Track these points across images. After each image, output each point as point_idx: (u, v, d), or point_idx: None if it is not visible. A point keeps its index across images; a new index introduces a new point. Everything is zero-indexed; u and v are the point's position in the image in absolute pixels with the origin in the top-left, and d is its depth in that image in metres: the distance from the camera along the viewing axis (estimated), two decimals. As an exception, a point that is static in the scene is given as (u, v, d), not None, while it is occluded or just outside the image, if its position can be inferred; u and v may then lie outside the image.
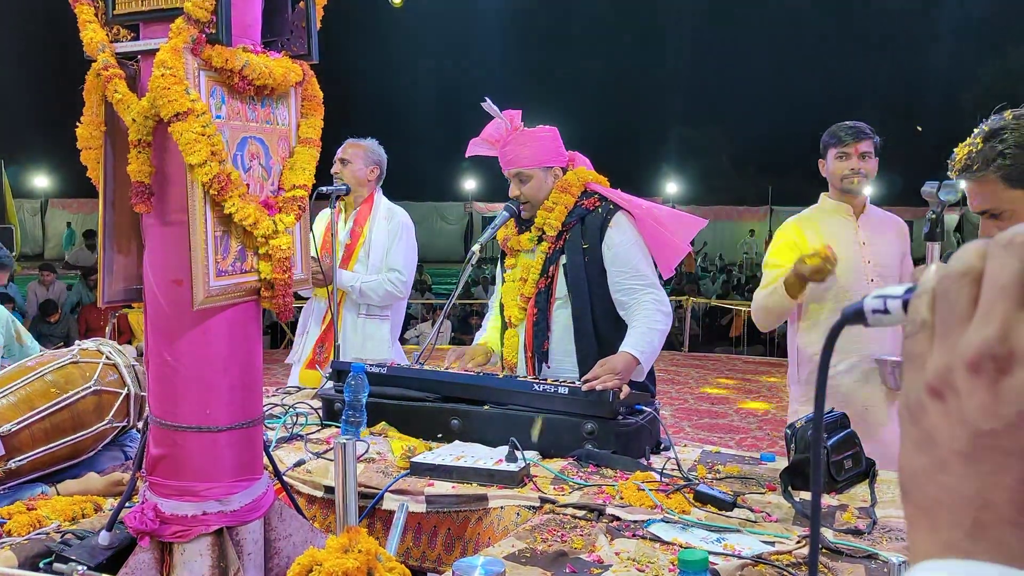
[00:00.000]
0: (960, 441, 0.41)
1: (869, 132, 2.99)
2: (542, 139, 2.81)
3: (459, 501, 2.08)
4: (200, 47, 1.50)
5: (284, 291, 1.67)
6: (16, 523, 1.75)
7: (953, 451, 0.41)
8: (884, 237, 2.96)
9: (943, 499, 0.41)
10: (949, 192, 1.61)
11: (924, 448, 0.42)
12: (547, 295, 2.76)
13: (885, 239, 2.97)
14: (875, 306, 0.52)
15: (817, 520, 0.64)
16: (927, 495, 0.42)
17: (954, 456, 0.41)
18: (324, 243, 3.59)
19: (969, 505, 0.40)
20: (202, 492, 1.60)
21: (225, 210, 1.54)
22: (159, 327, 1.60)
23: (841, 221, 3.07)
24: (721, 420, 7.36)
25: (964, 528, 0.40)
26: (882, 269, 2.95)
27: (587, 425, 2.34)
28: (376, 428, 2.56)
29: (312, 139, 1.75)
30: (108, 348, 2.24)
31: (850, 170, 2.98)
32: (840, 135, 3.02)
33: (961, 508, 0.40)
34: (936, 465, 0.42)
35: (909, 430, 0.43)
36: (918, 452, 0.43)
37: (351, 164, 3.61)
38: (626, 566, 1.67)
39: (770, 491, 2.13)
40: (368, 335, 3.62)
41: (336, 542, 1.28)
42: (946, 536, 0.41)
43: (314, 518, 2.18)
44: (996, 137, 1.53)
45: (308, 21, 1.74)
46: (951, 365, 0.41)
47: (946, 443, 0.41)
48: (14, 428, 1.96)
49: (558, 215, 2.74)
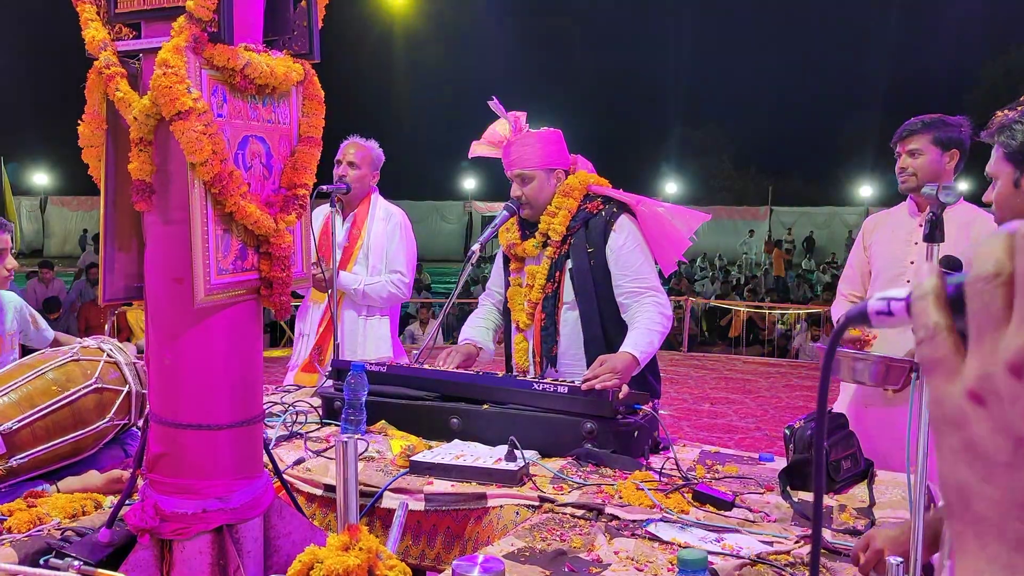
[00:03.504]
0: (1005, 451, 0.39)
1: (919, 127, 2.86)
2: (546, 141, 2.81)
3: (458, 500, 2.08)
4: (202, 46, 1.50)
5: (283, 289, 1.67)
6: (17, 520, 1.76)
7: (998, 462, 0.39)
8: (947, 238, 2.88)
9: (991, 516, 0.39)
10: (948, 194, 1.62)
11: (966, 459, 0.41)
12: (554, 300, 2.77)
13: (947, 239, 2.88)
14: (878, 308, 0.53)
15: (819, 520, 0.65)
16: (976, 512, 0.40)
17: (999, 467, 0.39)
18: (321, 244, 3.59)
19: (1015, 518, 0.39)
20: (202, 490, 1.61)
21: (226, 208, 1.55)
22: (160, 325, 1.60)
23: (901, 219, 3.03)
24: (720, 420, 7.37)
25: (1009, 542, 0.39)
26: None
27: (586, 424, 2.34)
28: (375, 427, 2.56)
29: (313, 138, 1.75)
30: (109, 346, 2.24)
31: (899, 169, 2.93)
32: (894, 135, 2.95)
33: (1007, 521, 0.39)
34: (981, 477, 0.40)
35: (949, 440, 0.42)
36: (959, 464, 0.41)
37: (360, 169, 3.61)
38: (625, 565, 1.67)
39: (768, 491, 2.14)
40: (368, 334, 3.62)
41: (337, 540, 1.28)
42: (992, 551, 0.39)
43: (313, 516, 2.19)
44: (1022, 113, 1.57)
45: (310, 20, 1.74)
46: (991, 370, 0.40)
47: (990, 453, 0.40)
48: (15, 426, 1.96)
49: (562, 220, 2.75)
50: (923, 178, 2.82)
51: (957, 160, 2.83)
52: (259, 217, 1.59)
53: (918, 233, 2.89)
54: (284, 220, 1.65)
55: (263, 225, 1.60)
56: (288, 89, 1.70)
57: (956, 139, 2.82)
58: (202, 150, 1.47)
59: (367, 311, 3.63)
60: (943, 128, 2.82)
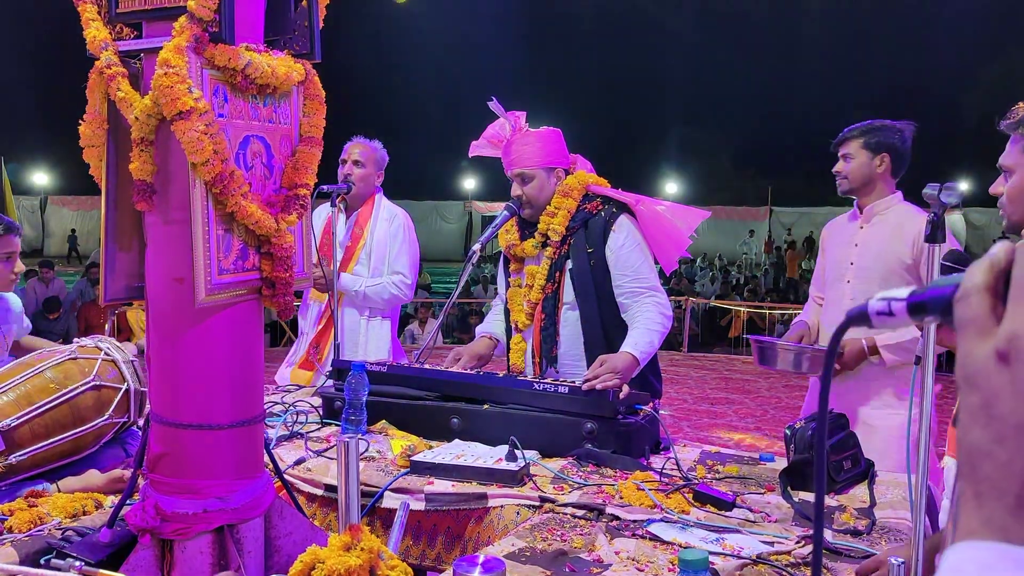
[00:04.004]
0: (1020, 414, 0.40)
1: (854, 133, 2.97)
2: (546, 140, 2.81)
3: (459, 500, 2.08)
4: (203, 46, 1.50)
5: (285, 290, 1.67)
6: (17, 520, 1.76)
7: (1011, 424, 0.40)
8: (880, 238, 2.94)
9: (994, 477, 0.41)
10: (950, 195, 1.62)
11: (983, 420, 0.42)
12: (554, 300, 2.77)
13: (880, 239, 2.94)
14: (879, 308, 0.53)
15: (820, 520, 0.65)
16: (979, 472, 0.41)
17: (1011, 430, 0.40)
18: (322, 243, 3.58)
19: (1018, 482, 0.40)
20: (203, 490, 1.60)
21: (227, 209, 1.55)
22: (161, 325, 1.60)
23: (844, 224, 3.12)
24: (720, 420, 7.37)
25: (1007, 505, 0.40)
26: (861, 272, 2.95)
27: (587, 424, 2.34)
28: (376, 426, 2.56)
29: (314, 138, 1.75)
30: (106, 344, 2.24)
31: (835, 173, 3.01)
32: None
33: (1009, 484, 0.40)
34: (992, 438, 0.41)
35: (969, 399, 0.43)
36: (976, 424, 0.42)
37: (365, 168, 3.60)
38: (625, 565, 1.67)
39: (769, 491, 2.14)
40: (369, 334, 3.62)
41: (339, 540, 1.28)
42: (988, 512, 0.40)
43: (314, 516, 2.19)
44: None
45: (311, 20, 1.74)
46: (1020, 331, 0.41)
47: (1006, 414, 0.41)
48: (14, 423, 1.96)
49: (561, 220, 2.75)
50: (853, 181, 2.95)
51: (888, 164, 2.92)
52: (260, 217, 1.59)
53: (858, 235, 3.00)
54: (285, 220, 1.65)
55: (264, 225, 1.60)
56: (289, 89, 1.70)
57: (887, 144, 2.92)
58: (203, 150, 1.47)
59: (368, 312, 3.63)
60: (874, 134, 2.93)
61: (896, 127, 2.93)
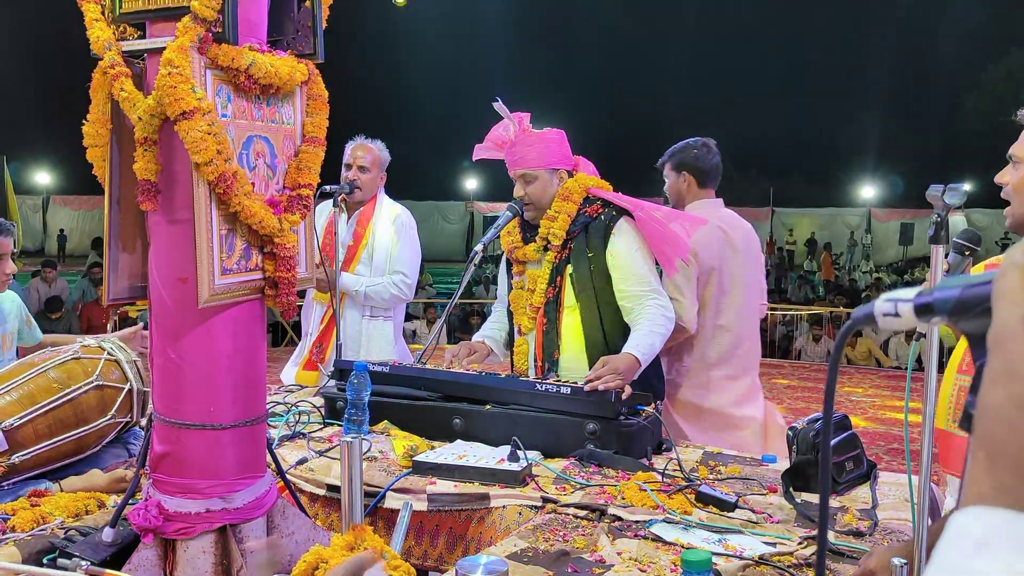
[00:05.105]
0: None
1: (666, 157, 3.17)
2: (549, 141, 2.81)
3: (461, 500, 2.08)
4: (206, 46, 1.50)
5: (288, 290, 1.67)
6: (20, 519, 1.76)
7: None
8: None
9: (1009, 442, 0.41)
10: (954, 195, 1.61)
11: (1005, 382, 0.43)
12: (556, 304, 2.77)
13: None
14: (885, 309, 0.53)
15: (825, 520, 0.65)
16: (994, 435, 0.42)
17: None
18: (324, 243, 3.58)
19: None
20: (205, 490, 1.61)
21: (230, 208, 1.55)
22: (164, 325, 1.61)
23: None
24: (721, 421, 7.35)
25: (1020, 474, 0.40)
26: None
27: (589, 425, 2.34)
28: (378, 427, 2.56)
29: (317, 138, 1.75)
30: (110, 344, 2.24)
31: None
32: None
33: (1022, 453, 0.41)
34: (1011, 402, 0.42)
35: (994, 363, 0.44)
36: (998, 387, 0.43)
37: (371, 172, 3.61)
38: (628, 566, 1.67)
39: (771, 492, 2.13)
40: (371, 334, 3.62)
41: (342, 540, 1.28)
42: (1000, 477, 0.41)
43: (316, 516, 2.19)
44: None
45: (314, 20, 1.74)
46: None
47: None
48: (16, 423, 1.96)
49: (561, 224, 2.75)
50: (671, 198, 3.18)
51: (692, 181, 3.10)
52: (263, 217, 1.59)
53: None
54: (288, 220, 1.65)
55: (267, 225, 1.60)
56: (292, 89, 1.71)
57: (686, 163, 3.12)
58: (207, 150, 1.47)
59: (370, 312, 3.63)
60: (677, 154, 3.14)
61: (695, 146, 3.13)
